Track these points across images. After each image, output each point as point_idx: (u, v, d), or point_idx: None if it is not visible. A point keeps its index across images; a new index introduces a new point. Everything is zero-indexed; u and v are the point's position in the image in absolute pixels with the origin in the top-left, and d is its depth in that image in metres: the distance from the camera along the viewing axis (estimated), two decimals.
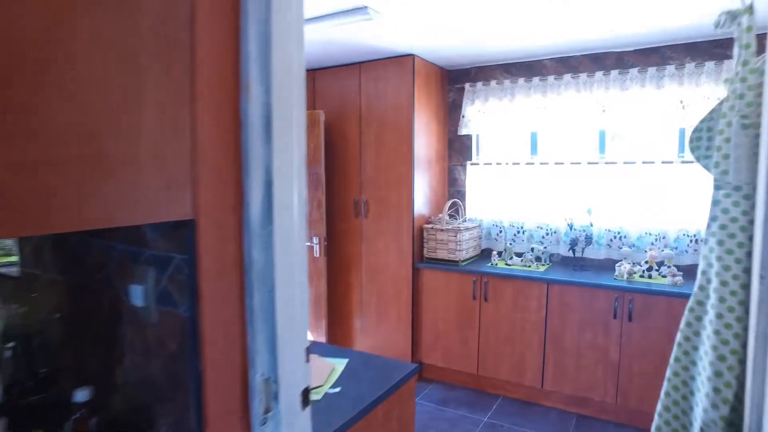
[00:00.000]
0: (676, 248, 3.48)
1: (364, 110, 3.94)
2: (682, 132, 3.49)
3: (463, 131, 4.13)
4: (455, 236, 3.70)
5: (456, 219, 4.06)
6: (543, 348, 3.43)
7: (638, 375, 3.16)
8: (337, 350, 2.10)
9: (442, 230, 3.77)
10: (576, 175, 3.75)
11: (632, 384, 3.18)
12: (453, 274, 3.71)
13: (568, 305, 3.32)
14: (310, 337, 4.20)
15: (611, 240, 3.68)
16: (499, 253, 3.93)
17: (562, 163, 3.79)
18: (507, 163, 3.99)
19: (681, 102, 3.36)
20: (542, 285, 3.39)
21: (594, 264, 3.73)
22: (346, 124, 4.03)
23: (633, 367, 3.17)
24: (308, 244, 4.01)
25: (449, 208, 4.09)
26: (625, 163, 3.58)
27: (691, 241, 3.43)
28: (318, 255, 3.97)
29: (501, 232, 4.05)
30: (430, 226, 3.84)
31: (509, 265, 3.71)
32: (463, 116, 4.12)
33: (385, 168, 3.87)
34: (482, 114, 4.04)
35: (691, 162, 3.40)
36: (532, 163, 3.91)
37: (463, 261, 3.77)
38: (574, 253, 3.65)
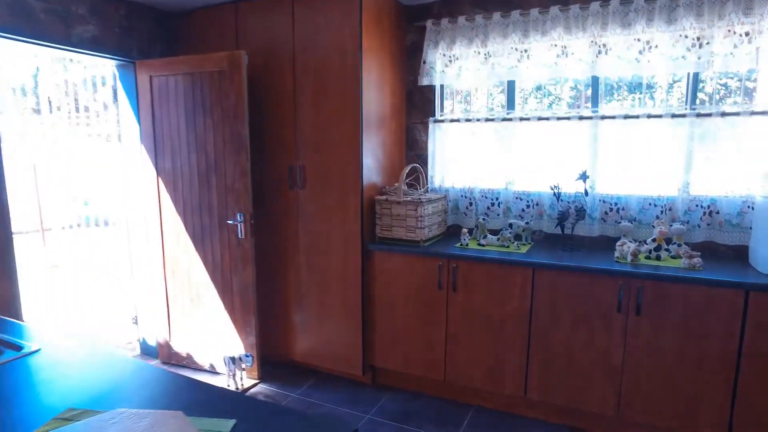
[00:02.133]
0: (687, 222, 2.81)
1: (299, 54, 3.07)
2: (696, 78, 2.80)
3: (424, 81, 3.33)
4: (415, 210, 2.93)
5: (416, 189, 3.28)
6: (527, 348, 2.73)
7: (647, 382, 2.50)
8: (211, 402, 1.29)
9: (398, 203, 2.98)
10: (564, 133, 3.02)
11: (639, 393, 2.52)
12: (413, 257, 2.95)
13: (559, 296, 2.62)
14: (237, 340, 3.49)
15: (607, 213, 2.99)
16: (470, 231, 3.19)
17: (547, 119, 3.06)
18: (479, 120, 3.23)
19: (698, 40, 2.66)
20: (526, 270, 2.67)
21: (586, 243, 3.04)
22: (278, 72, 3.16)
23: (640, 372, 2.50)
24: (230, 222, 3.15)
25: (408, 176, 3.31)
26: (625, 117, 2.88)
27: (705, 213, 2.78)
28: (243, 236, 3.12)
29: (472, 204, 3.31)
30: (383, 198, 3.05)
31: (483, 245, 2.97)
32: (424, 62, 3.31)
33: (326, 127, 3.04)
34: (448, 60, 3.25)
35: (708, 115, 2.72)
36: (510, 119, 3.16)
37: (425, 241, 3.01)
38: (562, 230, 2.94)
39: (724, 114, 2.68)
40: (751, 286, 2.27)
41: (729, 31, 2.60)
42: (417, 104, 3.46)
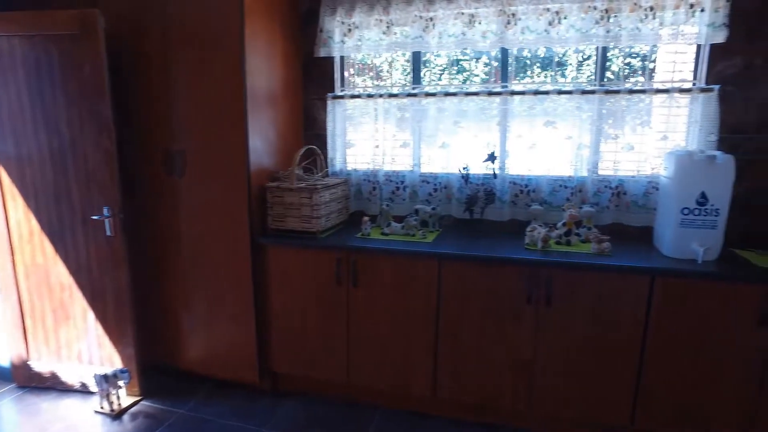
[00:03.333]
0: (597, 204, 2.70)
1: (172, 17, 2.61)
2: (604, 53, 2.66)
3: (321, 52, 2.97)
4: (310, 198, 2.60)
5: (314, 173, 2.95)
6: (435, 345, 2.52)
7: (560, 374, 2.36)
8: None
9: (290, 190, 2.64)
10: (474, 110, 2.80)
11: (550, 385, 2.39)
12: (309, 251, 2.63)
13: (468, 287, 2.41)
14: (113, 352, 3.00)
15: (517, 195, 2.81)
16: (373, 219, 2.91)
17: (455, 95, 2.81)
18: (382, 96, 2.93)
19: (606, 12, 2.50)
20: (431, 261, 2.44)
21: (497, 228, 2.86)
22: (147, 39, 2.67)
23: (552, 364, 2.37)
24: (95, 217, 2.67)
25: (304, 159, 2.97)
26: (535, 93, 2.69)
27: (613, 194, 2.67)
28: (112, 233, 2.66)
29: (376, 189, 3.03)
30: (274, 185, 2.69)
31: (386, 234, 2.71)
32: (320, 31, 2.95)
33: (206, 104, 2.61)
34: (347, 28, 2.91)
35: (616, 91, 2.58)
36: (415, 95, 2.89)
37: (323, 232, 2.70)
38: (471, 215, 2.74)
39: (631, 91, 2.56)
40: (656, 271, 2.17)
41: (635, 4, 2.46)
42: (315, 78, 3.10)
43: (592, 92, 2.60)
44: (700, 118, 2.49)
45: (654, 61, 2.67)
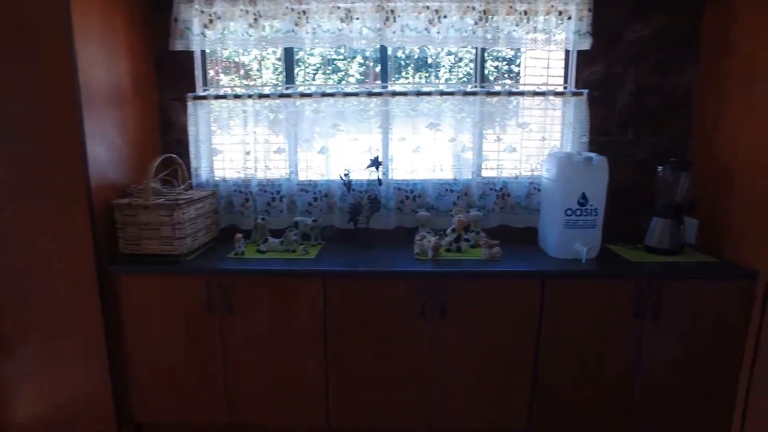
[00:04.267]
0: (483, 207, 2.66)
1: None
2: (483, 55, 2.62)
3: (177, 45, 2.57)
4: (171, 215, 2.21)
5: (175, 186, 2.55)
6: (325, 371, 2.27)
7: (458, 386, 2.26)
8: None
9: (146, 207, 2.22)
10: (353, 112, 2.60)
11: (449, 401, 2.27)
12: (173, 277, 2.23)
13: (357, 306, 2.20)
14: None
15: (403, 201, 2.68)
16: (248, 235, 2.59)
17: (332, 95, 2.60)
18: (252, 96, 2.62)
19: (485, 14, 2.45)
20: (315, 280, 2.19)
21: (384, 237, 2.69)
22: None
23: (450, 379, 2.25)
24: None
25: (162, 170, 2.55)
26: (417, 94, 2.57)
27: (498, 196, 2.64)
28: None
29: (248, 201, 2.70)
30: (125, 202, 2.25)
31: (263, 252, 2.40)
32: (176, 20, 2.55)
33: (29, 105, 2.10)
34: (208, 19, 2.55)
35: (497, 93, 2.56)
36: (289, 95, 2.62)
37: (189, 254, 2.32)
38: (356, 225, 2.54)
39: (510, 93, 2.56)
40: (547, 274, 2.16)
41: (511, 7, 2.45)
42: (172, 76, 2.69)
43: (474, 94, 2.55)
44: (573, 120, 2.55)
45: (519, 65, 2.72)
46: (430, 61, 2.73)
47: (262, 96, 2.60)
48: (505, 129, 2.61)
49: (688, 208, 2.39)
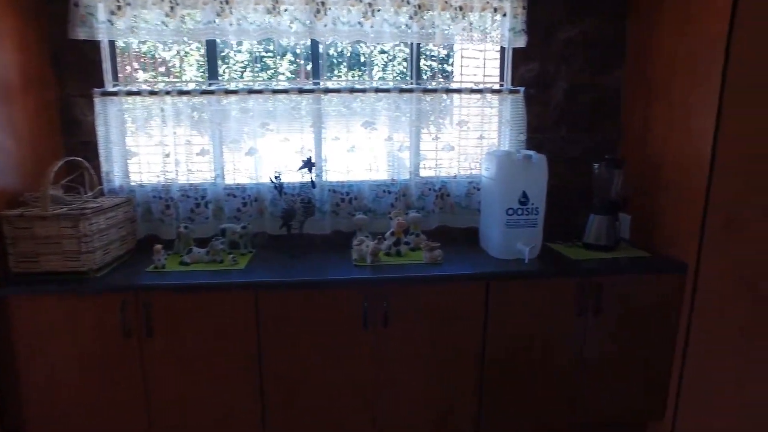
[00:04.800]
0: (423, 208, 2.57)
1: None
2: (418, 51, 2.53)
3: (79, 33, 2.28)
4: (76, 227, 1.94)
5: (81, 193, 2.26)
6: (260, 392, 2.08)
7: (405, 396, 2.15)
8: None
9: (44, 218, 1.93)
10: (284, 110, 2.43)
11: (395, 413, 2.15)
12: (80, 298, 1.95)
13: (293, 319, 2.03)
14: None
15: (339, 204, 2.53)
16: (170, 245, 2.35)
17: (260, 92, 2.41)
18: (170, 93, 2.37)
19: (419, 8, 2.36)
20: (246, 293, 2.00)
21: (320, 243, 2.53)
22: None
23: (395, 390, 2.14)
24: None
25: (64, 176, 2.25)
26: (351, 91, 2.43)
27: (437, 196, 2.56)
28: None
29: (169, 207, 2.45)
30: (16, 213, 1.95)
31: (187, 264, 2.18)
32: (76, 5, 2.26)
33: None
34: (116, 5, 2.28)
35: (434, 90, 2.48)
36: (213, 92, 2.40)
37: (99, 270, 2.05)
38: (289, 230, 2.37)
39: (448, 90, 2.49)
40: (490, 276, 2.10)
41: (446, 3, 2.38)
42: (76, 69, 2.38)
43: (410, 91, 2.45)
44: (510, 118, 2.52)
45: (453, 65, 2.67)
46: (363, 59, 2.61)
47: (182, 93, 2.36)
48: (443, 127, 2.54)
49: (622, 205, 2.43)
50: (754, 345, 2.08)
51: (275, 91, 2.39)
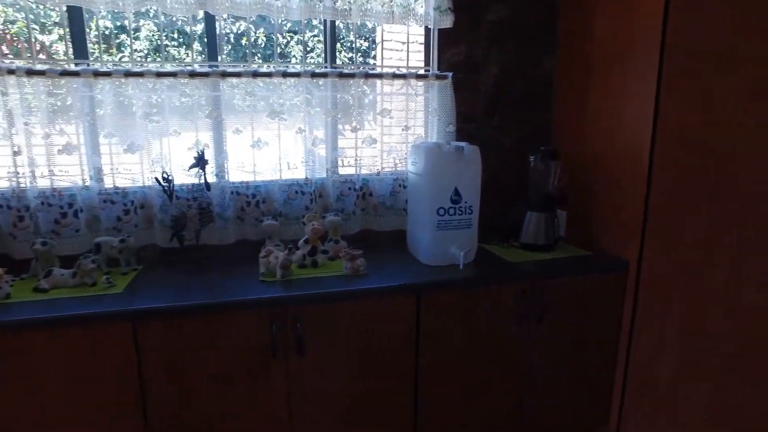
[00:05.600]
0: (342, 210, 2.24)
1: None
2: (333, 29, 2.20)
3: None
4: None
5: None
6: None
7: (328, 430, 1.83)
8: None
9: None
10: (173, 98, 2.01)
11: None
12: None
13: (186, 353, 1.64)
14: None
15: (244, 209, 2.15)
16: (25, 266, 1.86)
17: (141, 75, 1.97)
18: (14, 72, 1.87)
19: None
20: (122, 326, 1.58)
21: (222, 255, 2.13)
22: None
23: (316, 423, 1.81)
24: None
25: None
26: (254, 75, 2.06)
27: (358, 196, 2.25)
28: None
29: (24, 219, 1.95)
30: None
31: (44, 291, 1.71)
32: None
33: None
34: None
35: (352, 75, 2.16)
36: (78, 74, 1.93)
37: None
38: (181, 243, 1.97)
39: (367, 75, 2.18)
40: (421, 287, 1.82)
41: None
42: None
43: (324, 75, 2.12)
44: (438, 107, 2.26)
45: (375, 58, 2.38)
46: (279, 50, 2.23)
47: (33, 73, 1.88)
48: (363, 118, 2.23)
49: (560, 200, 2.24)
50: (696, 341, 1.97)
51: (160, 74, 1.97)
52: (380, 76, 2.19)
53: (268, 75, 2.07)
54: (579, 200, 2.30)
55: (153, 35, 2.18)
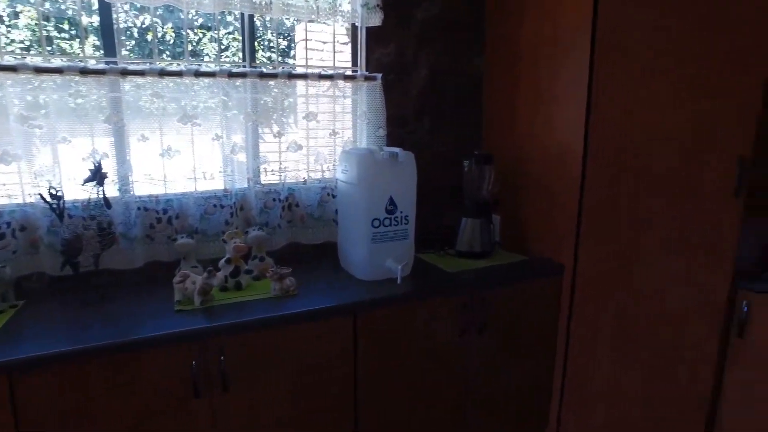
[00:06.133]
0: (266, 224, 2.04)
1: None
2: (252, 24, 1.99)
3: None
4: None
5: None
6: None
7: None
8: None
9: None
10: (59, 97, 1.71)
11: None
12: None
13: (88, 408, 1.37)
14: None
15: (154, 226, 1.89)
16: None
17: (14, 70, 1.65)
18: None
19: None
20: None
21: (128, 281, 1.85)
22: None
23: None
24: None
25: None
26: (161, 74, 1.80)
27: (284, 208, 2.06)
28: None
29: None
30: None
31: None
32: None
33: None
34: None
35: (274, 75, 1.97)
36: None
37: None
38: (75, 269, 1.68)
39: (291, 76, 1.99)
40: (358, 307, 1.67)
41: None
42: None
43: (243, 75, 1.91)
44: (367, 109, 2.13)
45: (294, 43, 2.20)
46: (190, 48, 1.98)
47: None
48: (287, 122, 2.05)
49: (495, 205, 2.19)
50: (628, 340, 2.01)
51: (40, 70, 1.66)
52: (305, 76, 2.01)
53: (178, 74, 1.83)
54: (511, 204, 2.27)
55: (34, 24, 1.85)
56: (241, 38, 2.00)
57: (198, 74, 1.85)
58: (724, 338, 2.01)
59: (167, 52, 2.08)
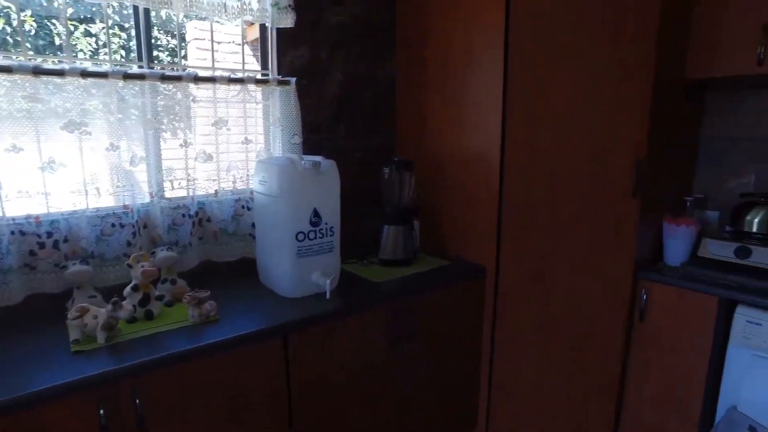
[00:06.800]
0: (176, 243, 1.84)
1: None
2: (147, 21, 1.77)
3: None
4: None
5: None
6: None
7: None
8: None
9: None
10: None
11: None
12: None
13: None
14: None
15: (35, 253, 1.60)
16: None
17: None
18: None
19: None
20: None
21: (7, 323, 1.56)
22: None
23: None
24: None
25: None
26: (35, 72, 1.52)
27: (194, 224, 1.87)
28: None
29: None
30: None
31: None
32: None
33: None
34: None
35: (178, 78, 1.77)
36: None
37: None
38: None
39: (196, 78, 1.81)
40: (288, 327, 1.56)
41: None
42: None
43: (141, 77, 1.69)
44: (281, 116, 2.00)
45: (185, 42, 2.02)
46: (59, 41, 1.70)
47: None
48: (194, 129, 1.86)
49: (415, 211, 2.18)
50: (549, 336, 2.09)
51: None
52: (213, 80, 1.84)
53: (58, 74, 1.57)
54: (430, 209, 2.27)
55: None
56: (136, 34, 1.78)
57: (85, 74, 1.60)
58: (629, 324, 2.18)
59: (28, 44, 1.78)
